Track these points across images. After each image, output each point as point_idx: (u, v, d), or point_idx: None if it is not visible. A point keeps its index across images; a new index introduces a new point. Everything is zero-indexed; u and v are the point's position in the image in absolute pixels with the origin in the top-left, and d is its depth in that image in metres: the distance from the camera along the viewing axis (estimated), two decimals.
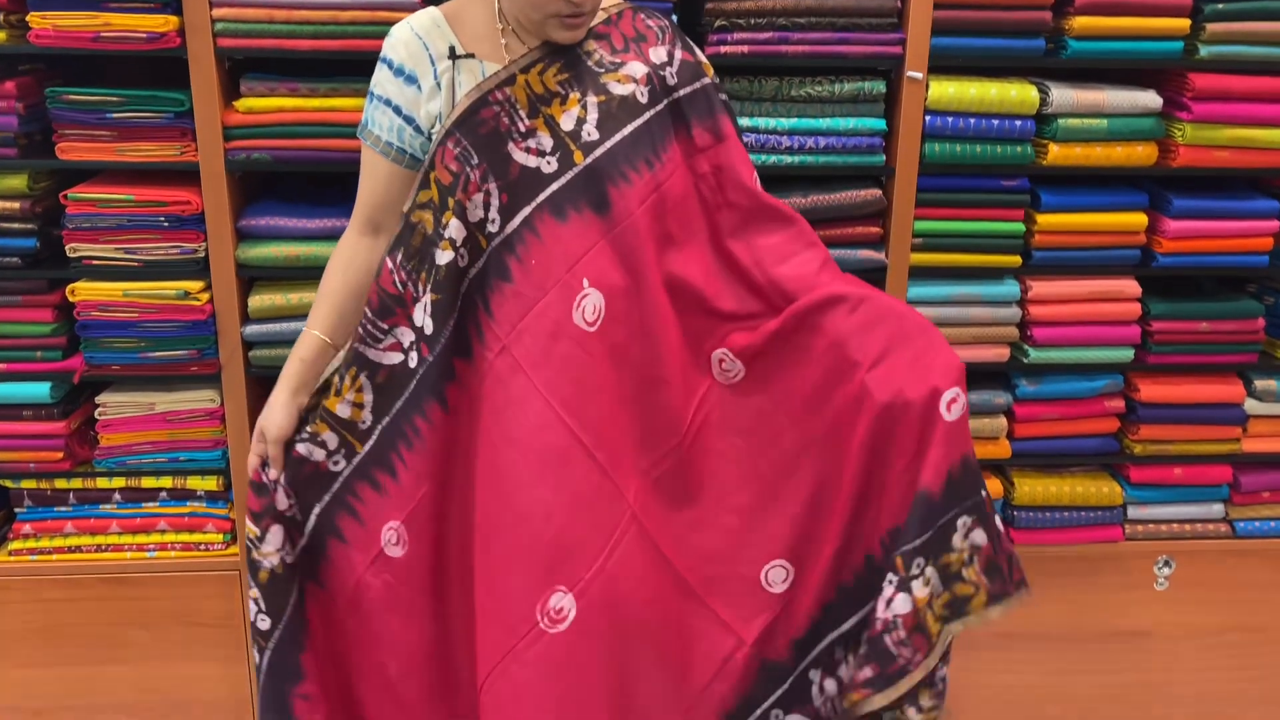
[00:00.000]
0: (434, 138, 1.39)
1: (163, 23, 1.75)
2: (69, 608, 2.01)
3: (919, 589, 1.34)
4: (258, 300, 1.91)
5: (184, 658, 2.06)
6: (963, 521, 1.35)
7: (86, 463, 2.00)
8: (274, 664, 1.45)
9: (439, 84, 1.38)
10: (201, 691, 2.08)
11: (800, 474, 1.43)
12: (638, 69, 1.41)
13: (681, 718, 1.42)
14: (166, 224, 1.85)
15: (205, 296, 1.88)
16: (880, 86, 1.90)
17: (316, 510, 1.46)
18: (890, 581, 1.36)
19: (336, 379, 1.44)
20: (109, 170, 1.91)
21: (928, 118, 1.89)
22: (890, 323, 1.37)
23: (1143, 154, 1.94)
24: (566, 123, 1.38)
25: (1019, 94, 1.89)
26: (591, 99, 1.39)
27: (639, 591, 1.38)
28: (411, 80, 1.39)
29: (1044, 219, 1.96)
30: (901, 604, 1.34)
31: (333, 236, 1.89)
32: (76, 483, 1.99)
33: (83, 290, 1.87)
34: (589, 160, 1.37)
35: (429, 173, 1.38)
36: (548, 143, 1.38)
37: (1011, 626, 2.13)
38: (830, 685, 1.44)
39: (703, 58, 1.49)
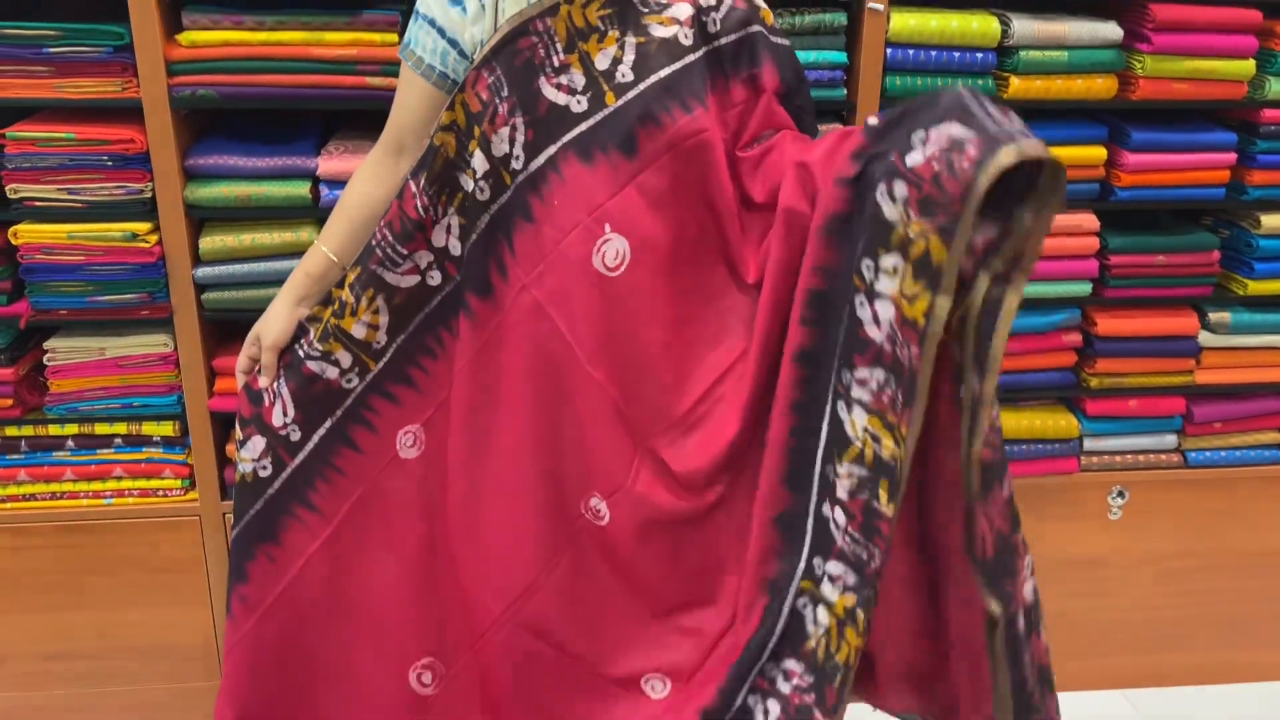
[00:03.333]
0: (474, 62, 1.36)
1: None
2: (26, 555, 1.99)
3: (888, 285, 1.20)
4: (209, 242, 1.86)
5: (146, 604, 2.05)
6: (883, 194, 1.20)
7: (37, 409, 1.96)
8: (231, 555, 1.51)
9: (483, 7, 1.35)
10: (165, 637, 2.07)
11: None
12: (683, 10, 1.36)
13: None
14: (110, 163, 1.80)
15: (154, 238, 1.84)
16: (841, 18, 1.87)
17: (327, 424, 1.47)
18: (860, 303, 1.23)
19: (351, 298, 1.42)
20: (48, 108, 1.84)
21: (889, 50, 1.87)
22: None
23: (1103, 86, 1.94)
24: (601, 62, 1.34)
25: (980, 25, 1.87)
26: (630, 39, 1.35)
27: (662, 503, 1.41)
28: (457, 1, 1.36)
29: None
30: (883, 309, 1.21)
31: (285, 176, 1.86)
32: (28, 430, 1.95)
33: (25, 232, 1.82)
34: (620, 102, 1.34)
35: (457, 96, 1.36)
36: (580, 81, 1.34)
37: None
38: (839, 515, 1.29)
39: (759, 2, 1.42)
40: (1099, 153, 1.98)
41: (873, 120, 1.26)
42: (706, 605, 1.43)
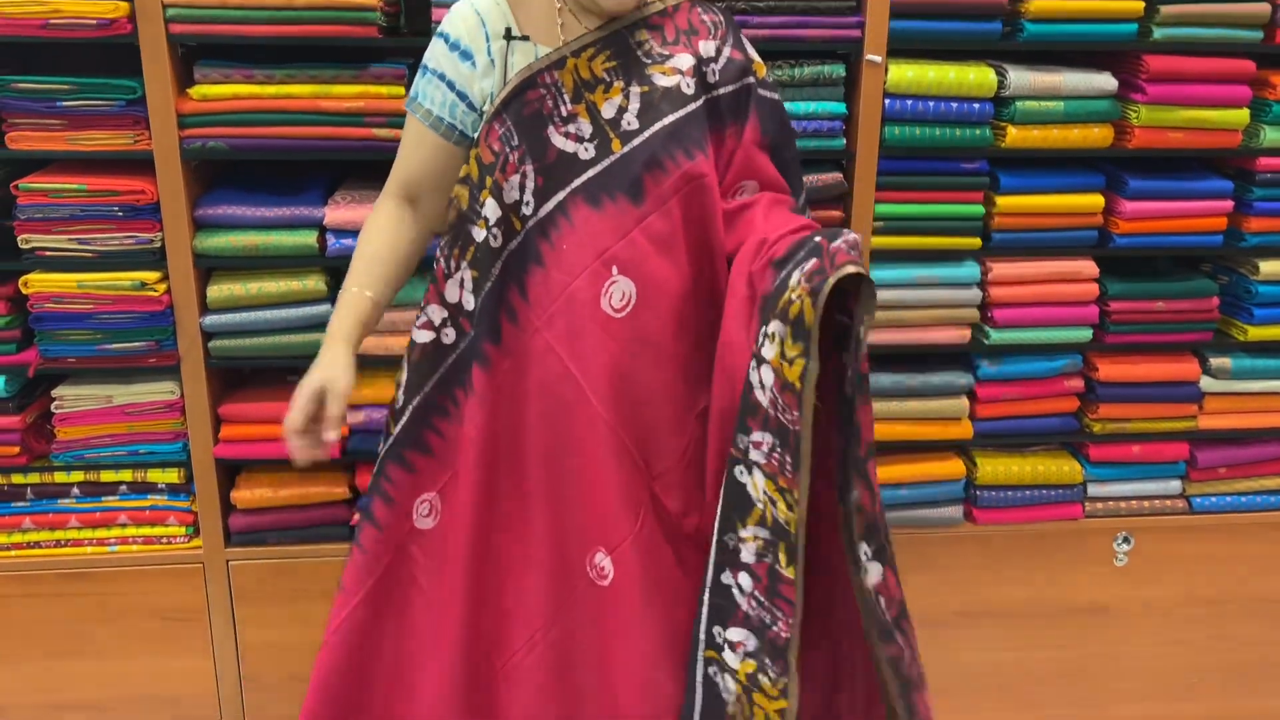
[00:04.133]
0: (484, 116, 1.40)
1: (113, 8, 1.71)
2: (29, 604, 1.99)
3: (768, 351, 1.27)
4: (216, 290, 1.88)
5: (148, 653, 2.04)
6: (797, 270, 1.28)
7: (44, 457, 1.97)
8: None
9: (492, 61, 1.39)
10: (167, 686, 2.06)
11: None
12: (685, 61, 1.41)
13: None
14: (121, 214, 1.82)
15: (162, 287, 1.86)
16: (840, 70, 1.90)
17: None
18: (753, 368, 1.30)
19: None
20: (61, 160, 1.87)
21: (887, 101, 1.90)
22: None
23: (1099, 136, 1.96)
24: (608, 110, 1.39)
25: (977, 77, 1.90)
26: (635, 89, 1.39)
27: (663, 546, 1.42)
28: (467, 56, 1.40)
29: (1003, 201, 1.98)
30: (766, 374, 1.28)
31: (292, 225, 1.88)
32: (34, 477, 1.96)
33: (36, 282, 1.84)
34: (627, 149, 1.38)
35: (471, 150, 1.40)
36: (587, 129, 1.38)
37: (973, 605, 2.16)
38: (745, 580, 1.32)
39: (755, 56, 1.49)
40: (1096, 200, 2.00)
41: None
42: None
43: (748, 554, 1.31)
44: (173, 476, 1.98)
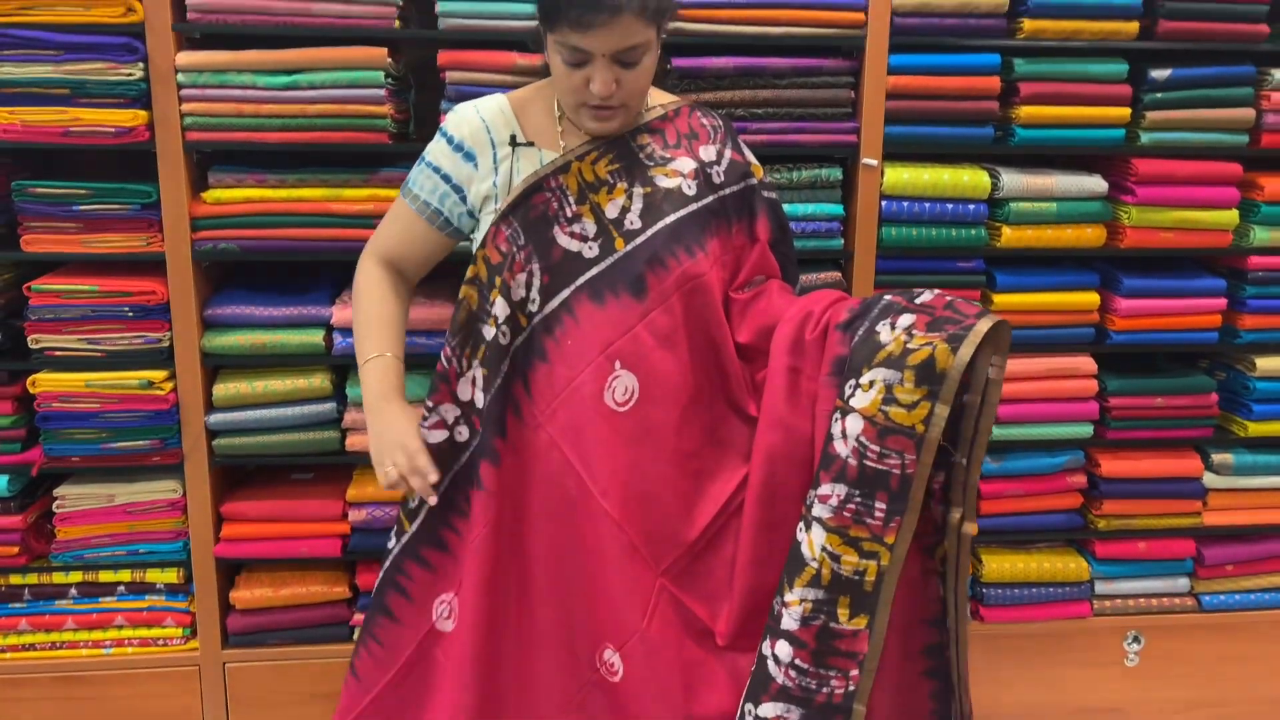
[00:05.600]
0: (489, 218, 1.44)
1: (132, 117, 1.77)
2: (20, 708, 1.95)
3: (861, 400, 1.29)
4: (223, 389, 1.90)
5: None
6: (883, 324, 1.33)
7: (43, 557, 1.95)
8: None
9: (496, 168, 1.44)
10: None
11: None
12: (686, 164, 1.46)
13: None
14: (131, 314, 1.85)
15: (169, 386, 1.87)
16: (837, 173, 1.95)
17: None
18: (834, 419, 1.31)
19: None
20: (74, 261, 1.91)
21: (884, 203, 1.95)
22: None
23: (1092, 235, 2.00)
24: (611, 210, 1.43)
25: (971, 179, 1.95)
26: (638, 190, 1.44)
27: (674, 641, 1.41)
28: (470, 158, 1.45)
29: (1000, 299, 2.01)
30: (852, 423, 1.29)
31: (299, 324, 1.91)
32: (32, 578, 1.94)
33: (44, 381, 1.86)
34: (630, 247, 1.42)
35: (478, 251, 1.43)
36: (591, 228, 1.42)
37: (983, 707, 2.11)
38: (783, 649, 1.33)
39: (752, 159, 1.55)
40: (1092, 298, 2.03)
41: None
42: None
43: (790, 620, 1.31)
44: (171, 576, 1.96)
